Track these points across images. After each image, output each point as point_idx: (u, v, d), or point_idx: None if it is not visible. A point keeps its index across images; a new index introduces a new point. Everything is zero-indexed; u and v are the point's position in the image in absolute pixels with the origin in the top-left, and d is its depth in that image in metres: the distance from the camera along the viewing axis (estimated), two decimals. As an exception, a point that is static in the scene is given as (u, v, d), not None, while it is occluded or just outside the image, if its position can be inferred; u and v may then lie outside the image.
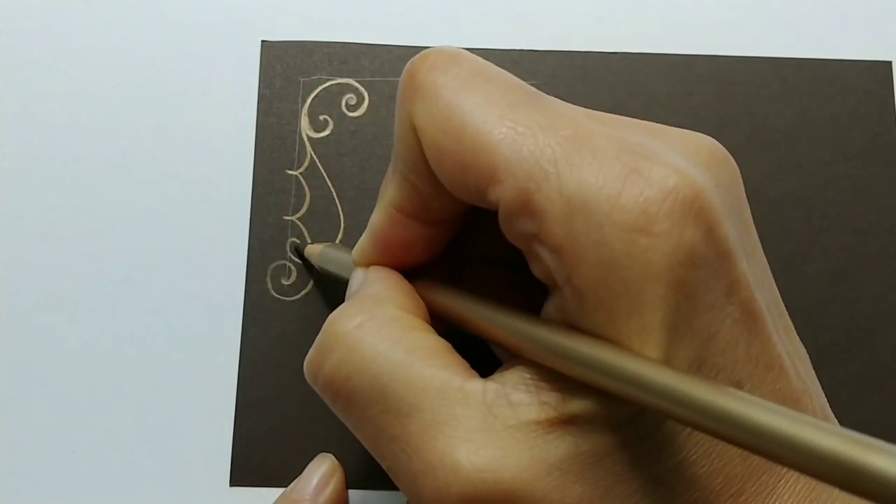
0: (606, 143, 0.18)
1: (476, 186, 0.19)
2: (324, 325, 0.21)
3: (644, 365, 0.17)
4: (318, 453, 0.28)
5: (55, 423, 0.29)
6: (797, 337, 0.21)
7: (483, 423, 0.18)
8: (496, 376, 0.19)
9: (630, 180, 0.17)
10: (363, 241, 0.24)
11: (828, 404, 0.21)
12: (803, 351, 0.21)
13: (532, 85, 0.30)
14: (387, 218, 0.22)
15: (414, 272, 0.23)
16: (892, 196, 0.31)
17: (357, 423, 0.20)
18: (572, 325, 0.18)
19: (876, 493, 0.13)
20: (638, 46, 0.31)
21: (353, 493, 0.28)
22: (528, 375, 0.19)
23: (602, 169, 0.18)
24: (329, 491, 0.27)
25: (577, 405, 0.18)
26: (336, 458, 0.28)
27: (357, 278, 0.23)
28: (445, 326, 0.22)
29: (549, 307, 0.19)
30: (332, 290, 0.29)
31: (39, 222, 0.30)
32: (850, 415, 0.29)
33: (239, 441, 0.28)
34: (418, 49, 0.31)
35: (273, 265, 0.30)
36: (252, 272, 0.29)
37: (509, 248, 0.20)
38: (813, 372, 0.21)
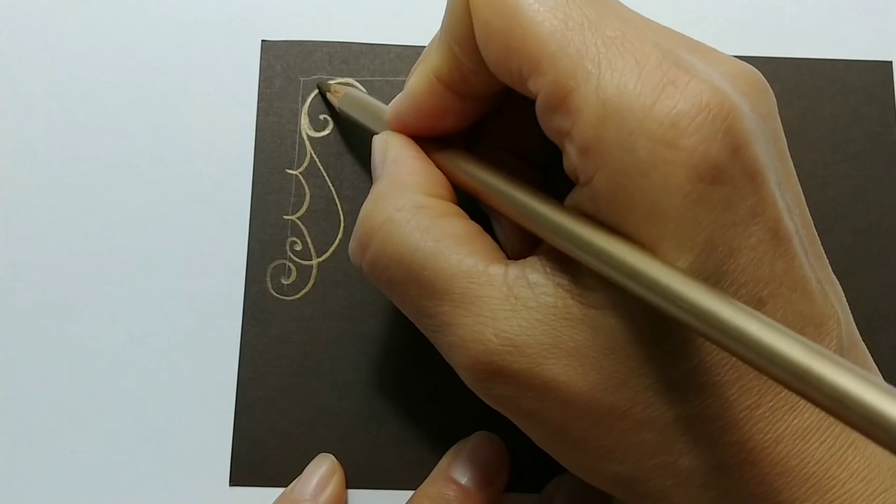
0: (651, 50, 0.18)
1: (518, 72, 0.19)
2: (360, 217, 0.23)
3: (645, 261, 0.17)
4: (318, 453, 0.28)
5: (55, 423, 0.29)
6: (829, 266, 0.22)
7: (506, 303, 0.20)
8: (518, 261, 0.21)
9: (666, 92, 0.18)
10: (399, 102, 0.24)
11: (857, 333, 0.21)
12: (834, 279, 0.22)
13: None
14: (426, 83, 0.23)
15: (442, 142, 0.24)
16: (893, 196, 0.30)
17: (399, 303, 0.22)
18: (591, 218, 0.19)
19: (883, 438, 0.13)
20: (638, 46, 0.31)
21: (353, 493, 0.28)
22: (547, 261, 0.20)
23: (641, 77, 0.18)
24: (329, 491, 0.27)
25: (593, 297, 0.19)
26: (336, 458, 0.28)
27: (378, 150, 0.24)
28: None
29: (571, 200, 0.20)
30: (332, 290, 0.29)
31: (39, 222, 0.30)
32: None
33: (239, 441, 0.28)
34: (419, 49, 0.31)
35: (273, 265, 0.30)
36: (252, 272, 0.29)
37: (538, 143, 0.21)
38: (844, 300, 0.21)
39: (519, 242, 0.23)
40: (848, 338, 0.21)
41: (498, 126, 0.25)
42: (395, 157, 0.24)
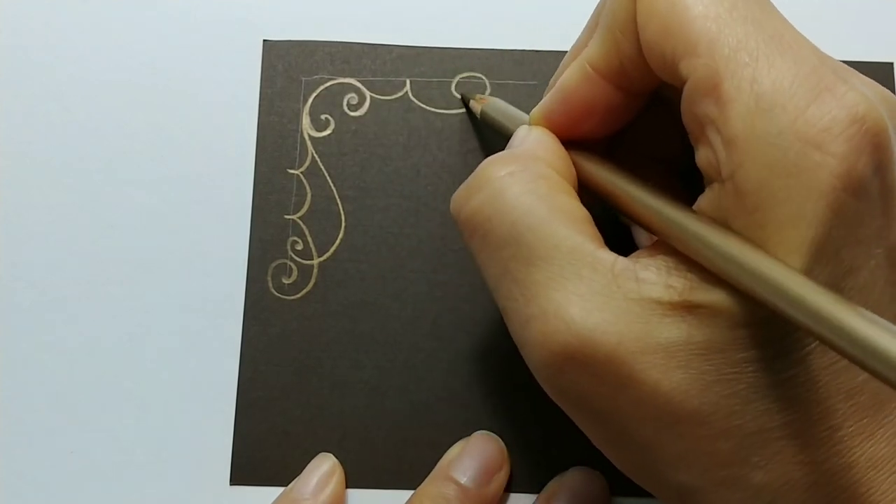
0: (809, 55, 0.18)
1: (672, 54, 0.19)
2: (478, 168, 0.22)
3: (788, 272, 0.17)
4: (318, 453, 0.28)
5: (55, 423, 0.29)
6: None
7: (605, 288, 0.19)
8: (630, 256, 0.20)
9: (822, 96, 0.18)
10: (548, 98, 0.24)
11: None
12: None
13: (533, 86, 0.31)
14: (581, 74, 0.22)
15: (575, 143, 0.23)
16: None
17: (486, 260, 0.21)
18: (722, 222, 0.19)
19: None
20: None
21: (353, 493, 0.28)
22: (662, 260, 0.19)
23: (798, 77, 0.18)
24: (329, 490, 0.27)
25: (704, 296, 0.18)
26: (336, 458, 0.28)
27: (519, 134, 0.24)
28: (591, 202, 0.22)
29: (703, 200, 0.19)
30: (333, 290, 0.29)
31: (39, 222, 0.30)
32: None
33: (239, 441, 0.28)
34: (420, 49, 0.31)
35: (274, 264, 0.30)
36: (253, 271, 0.29)
37: (676, 152, 0.21)
38: None
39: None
40: None
41: (638, 135, 0.24)
42: (536, 138, 0.23)
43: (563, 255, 0.19)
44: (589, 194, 0.23)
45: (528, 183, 0.21)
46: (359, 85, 0.31)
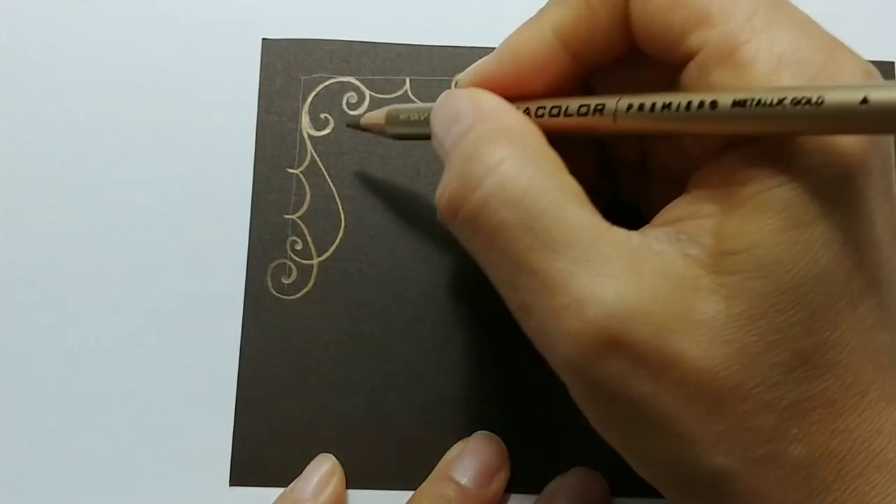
0: (810, 22, 0.19)
1: (681, 25, 0.19)
2: (461, 158, 0.20)
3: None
4: (318, 453, 0.28)
5: (55, 423, 0.29)
6: None
7: (632, 265, 0.18)
8: (638, 231, 0.19)
9: (833, 55, 0.18)
10: (492, 56, 0.22)
11: None
12: None
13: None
14: (538, 37, 0.21)
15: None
16: (894, 196, 0.30)
17: (498, 258, 0.19)
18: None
19: None
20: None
21: (353, 493, 0.28)
22: (673, 232, 0.19)
23: (811, 40, 0.18)
24: (329, 491, 0.27)
25: (729, 262, 0.18)
26: (336, 458, 0.28)
27: (462, 102, 0.22)
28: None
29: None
30: (333, 290, 0.29)
31: (39, 222, 0.30)
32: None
33: (239, 441, 0.28)
34: (419, 48, 0.31)
35: (273, 264, 0.30)
36: (252, 271, 0.29)
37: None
38: None
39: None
40: None
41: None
42: (493, 106, 0.21)
43: (585, 237, 0.18)
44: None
45: (533, 163, 0.19)
46: (358, 84, 0.31)
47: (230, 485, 0.28)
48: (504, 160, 0.19)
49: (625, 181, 0.26)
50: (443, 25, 0.31)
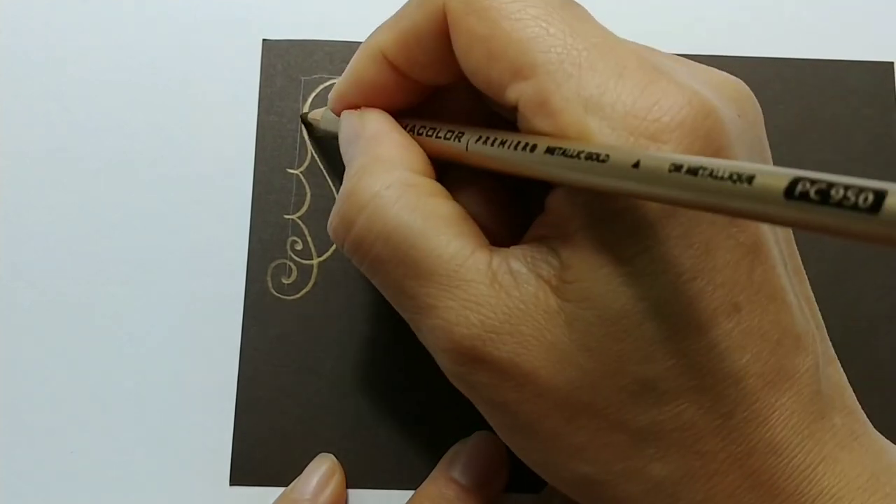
0: (630, 55, 0.19)
1: (499, 79, 0.20)
2: (343, 191, 0.22)
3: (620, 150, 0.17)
4: (318, 453, 0.28)
5: (55, 423, 0.29)
6: (807, 281, 0.22)
7: (491, 289, 0.20)
8: (501, 249, 0.20)
9: (648, 90, 0.18)
10: (340, 80, 0.24)
11: (832, 351, 0.21)
12: (811, 295, 0.21)
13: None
14: (371, 59, 0.23)
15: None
16: (893, 196, 0.30)
17: (382, 283, 0.22)
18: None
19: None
20: (639, 47, 0.31)
21: (353, 493, 0.28)
22: (529, 251, 0.20)
23: (623, 77, 0.18)
24: (329, 491, 0.27)
25: (568, 289, 0.19)
26: (336, 458, 0.28)
27: (351, 125, 0.24)
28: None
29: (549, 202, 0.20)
30: (333, 290, 0.29)
31: (39, 222, 0.30)
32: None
33: (239, 441, 0.28)
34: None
35: (273, 264, 0.30)
36: (252, 271, 0.29)
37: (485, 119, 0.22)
38: (820, 318, 0.21)
39: (504, 227, 0.23)
40: (824, 354, 0.21)
41: (445, 102, 0.25)
42: (374, 131, 0.23)
43: (448, 264, 0.20)
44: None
45: (399, 198, 0.21)
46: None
47: (230, 485, 0.28)
48: (372, 199, 0.21)
49: None
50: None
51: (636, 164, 0.16)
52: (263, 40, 0.31)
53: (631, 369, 0.18)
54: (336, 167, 0.30)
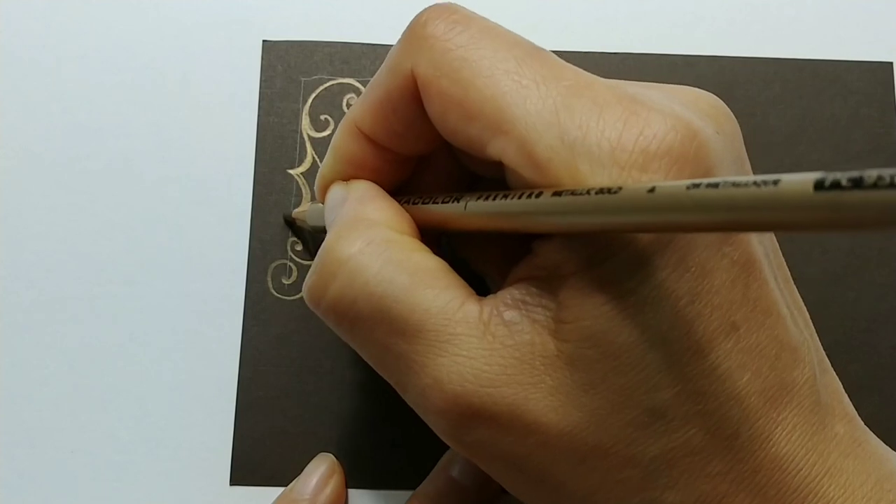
0: (606, 90, 0.19)
1: (479, 138, 0.19)
2: (321, 252, 0.21)
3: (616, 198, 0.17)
4: (318, 453, 0.28)
5: (55, 423, 0.29)
6: (796, 290, 0.21)
7: (483, 341, 0.19)
8: (490, 297, 0.20)
9: (629, 122, 0.18)
10: (323, 168, 0.24)
11: (827, 360, 0.21)
12: (802, 304, 0.21)
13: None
14: (349, 137, 0.23)
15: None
16: (893, 197, 0.30)
17: (363, 344, 0.21)
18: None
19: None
20: (638, 47, 0.31)
21: (353, 493, 0.28)
22: (520, 295, 0.19)
23: (602, 113, 0.18)
24: (328, 490, 0.27)
25: (565, 329, 0.18)
26: (336, 458, 0.28)
27: (337, 195, 0.23)
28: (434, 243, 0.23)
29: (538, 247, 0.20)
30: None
31: (39, 222, 0.30)
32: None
33: (239, 441, 0.28)
34: (419, 49, 0.31)
35: (274, 264, 0.30)
36: (253, 271, 0.29)
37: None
38: (812, 327, 0.21)
39: (498, 273, 0.23)
40: (820, 363, 0.21)
41: (427, 177, 0.25)
42: (359, 195, 0.23)
43: (436, 319, 0.19)
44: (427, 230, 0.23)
45: (381, 254, 0.20)
46: (358, 85, 0.31)
47: (230, 485, 0.28)
48: (353, 255, 0.20)
49: None
50: (443, 26, 0.31)
51: (651, 190, 0.15)
52: (263, 41, 0.31)
53: (637, 401, 0.18)
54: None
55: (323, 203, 0.24)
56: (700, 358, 0.18)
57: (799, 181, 0.13)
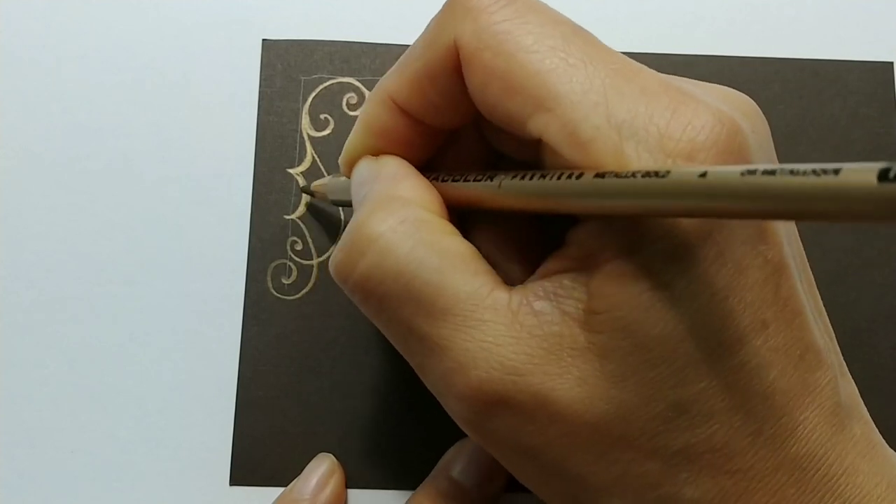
0: (652, 78, 0.19)
1: (520, 113, 0.19)
2: (350, 227, 0.21)
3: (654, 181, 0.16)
4: (318, 453, 0.28)
5: (55, 423, 0.29)
6: (819, 296, 0.22)
7: (511, 329, 0.19)
8: (520, 287, 0.20)
9: (678, 111, 0.18)
10: (354, 135, 0.24)
11: (845, 365, 0.21)
12: (823, 309, 0.22)
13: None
14: (382, 109, 0.22)
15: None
16: (893, 196, 0.30)
17: (388, 323, 0.21)
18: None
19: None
20: (638, 46, 0.31)
21: (353, 493, 0.28)
22: (551, 287, 0.19)
23: (650, 100, 0.18)
24: (328, 491, 0.27)
25: (597, 320, 0.18)
26: (336, 458, 0.28)
27: (367, 170, 0.23)
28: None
29: (579, 233, 0.20)
30: (333, 290, 0.29)
31: (39, 222, 0.30)
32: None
33: (239, 441, 0.28)
34: (419, 49, 0.31)
35: (273, 264, 0.30)
36: (252, 271, 0.29)
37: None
38: (832, 332, 0.21)
39: (518, 266, 0.23)
40: (840, 366, 0.21)
41: (454, 152, 0.24)
42: (392, 172, 0.22)
43: (465, 303, 0.19)
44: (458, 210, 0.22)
45: (413, 234, 0.20)
46: (358, 84, 0.31)
47: (230, 485, 0.28)
48: (384, 233, 0.20)
49: None
50: (443, 26, 0.31)
51: (703, 175, 0.15)
52: (263, 40, 0.31)
53: (665, 394, 0.18)
54: (336, 168, 0.30)
55: (348, 177, 0.24)
56: (731, 354, 0.18)
57: (861, 170, 0.12)
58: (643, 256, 0.18)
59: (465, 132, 0.24)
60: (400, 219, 0.20)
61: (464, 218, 0.23)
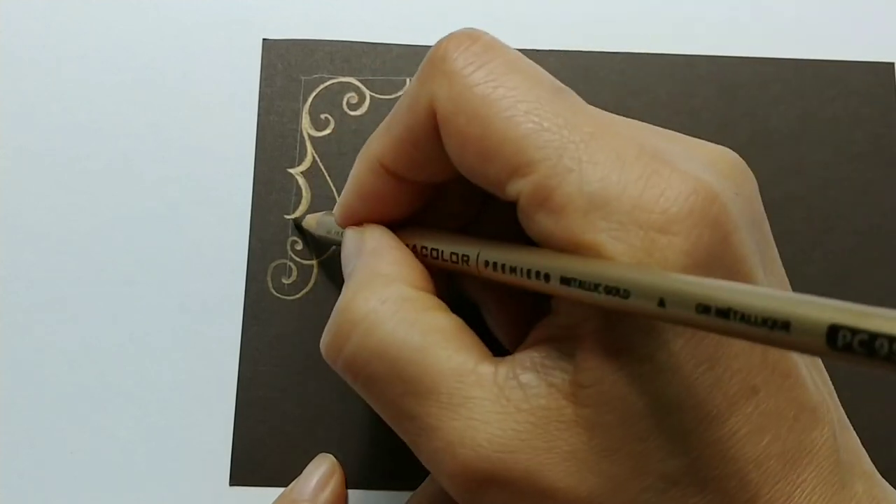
0: (628, 143, 0.18)
1: (496, 177, 0.19)
2: (337, 308, 0.21)
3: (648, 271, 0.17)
4: (318, 453, 0.28)
5: (55, 423, 0.29)
6: None
7: (497, 405, 0.19)
8: (507, 358, 0.20)
9: (651, 181, 0.18)
10: (345, 196, 0.24)
11: (845, 416, 0.21)
12: (821, 364, 0.21)
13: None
14: (369, 169, 0.23)
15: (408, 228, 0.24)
16: (894, 198, 0.30)
17: (378, 403, 0.21)
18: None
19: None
20: (639, 46, 0.31)
21: (353, 493, 0.28)
22: (538, 357, 0.19)
23: (624, 169, 0.18)
24: (328, 491, 0.27)
25: (584, 394, 0.18)
26: (336, 458, 0.28)
27: (352, 242, 0.23)
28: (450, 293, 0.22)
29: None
30: (333, 290, 0.29)
31: (39, 222, 0.30)
32: (850, 416, 0.29)
33: (239, 441, 0.28)
34: (419, 48, 0.31)
35: (274, 264, 0.30)
36: (252, 271, 0.29)
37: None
38: (830, 384, 0.21)
39: (512, 329, 0.22)
40: (839, 421, 0.20)
41: (442, 206, 0.24)
42: (374, 247, 0.23)
43: (449, 381, 0.19)
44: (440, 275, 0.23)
45: (395, 314, 0.20)
46: (358, 84, 0.31)
47: (230, 485, 0.28)
48: (367, 314, 0.20)
49: None
50: (442, 25, 0.31)
51: (661, 303, 0.15)
52: (263, 40, 0.31)
53: (655, 467, 0.18)
54: (336, 168, 0.30)
55: (342, 227, 0.25)
56: (719, 423, 0.18)
57: (811, 329, 0.13)
58: (622, 331, 0.18)
59: (455, 179, 0.24)
60: (381, 299, 0.20)
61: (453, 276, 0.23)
